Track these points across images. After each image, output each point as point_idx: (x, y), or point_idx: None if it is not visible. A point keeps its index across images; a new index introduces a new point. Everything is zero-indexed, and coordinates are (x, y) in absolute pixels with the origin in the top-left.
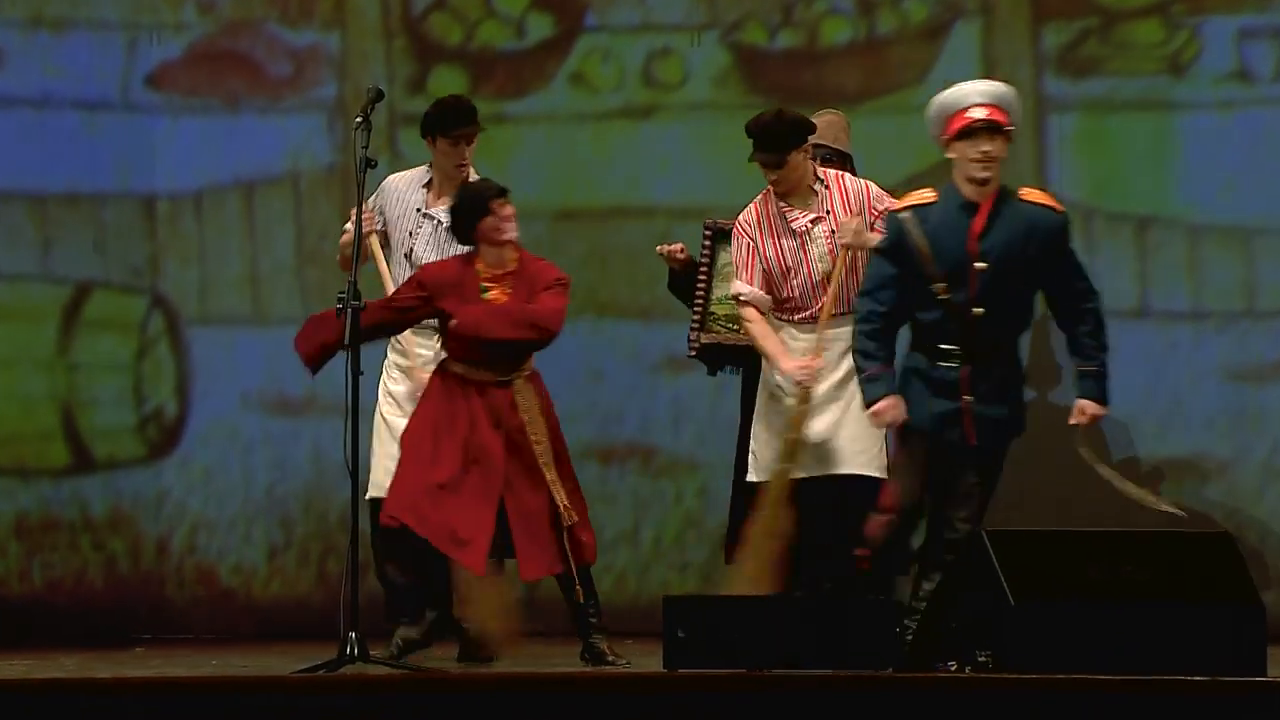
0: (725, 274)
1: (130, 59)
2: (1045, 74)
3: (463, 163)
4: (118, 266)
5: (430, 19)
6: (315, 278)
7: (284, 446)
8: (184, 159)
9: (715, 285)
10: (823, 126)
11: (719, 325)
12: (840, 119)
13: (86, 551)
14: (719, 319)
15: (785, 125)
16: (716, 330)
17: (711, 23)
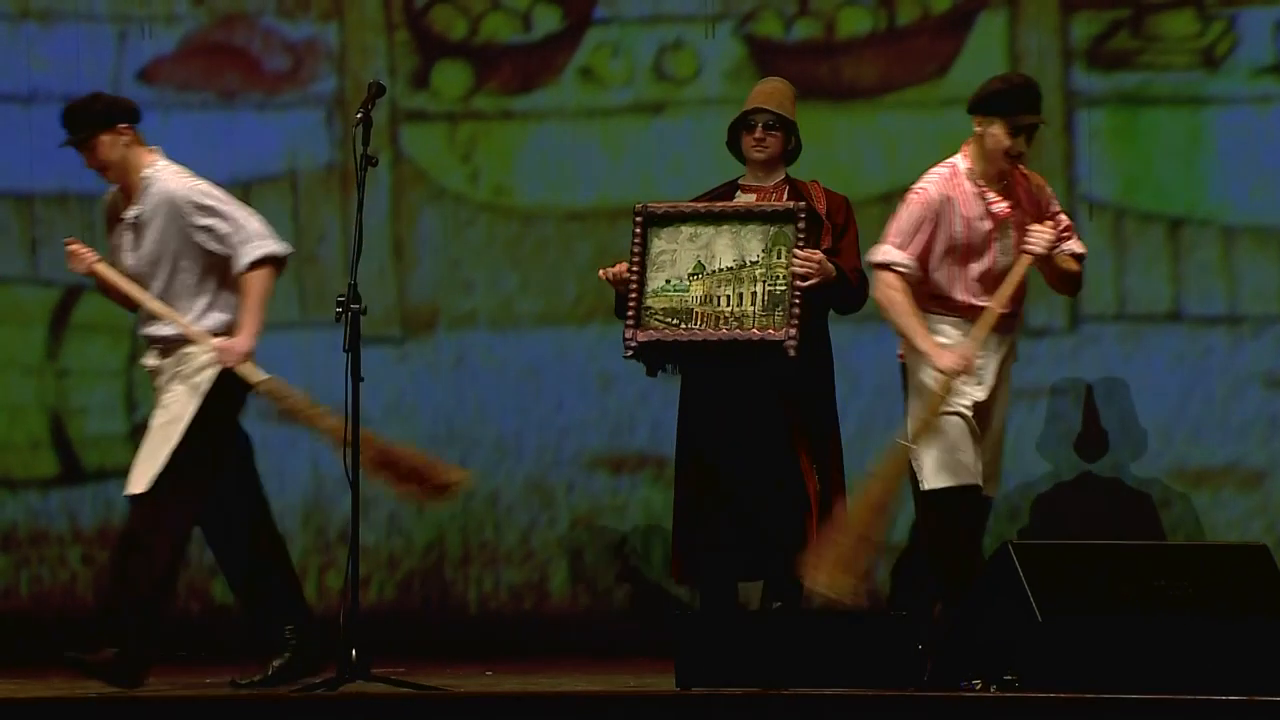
0: (660, 263)
1: (121, 53)
2: (1074, 67)
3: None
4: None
5: (433, 11)
6: (314, 279)
7: (281, 456)
8: (177, 156)
9: (649, 276)
10: (769, 92)
11: (657, 320)
12: (789, 86)
13: (75, 565)
14: (656, 313)
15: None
16: (655, 325)
17: (725, 14)
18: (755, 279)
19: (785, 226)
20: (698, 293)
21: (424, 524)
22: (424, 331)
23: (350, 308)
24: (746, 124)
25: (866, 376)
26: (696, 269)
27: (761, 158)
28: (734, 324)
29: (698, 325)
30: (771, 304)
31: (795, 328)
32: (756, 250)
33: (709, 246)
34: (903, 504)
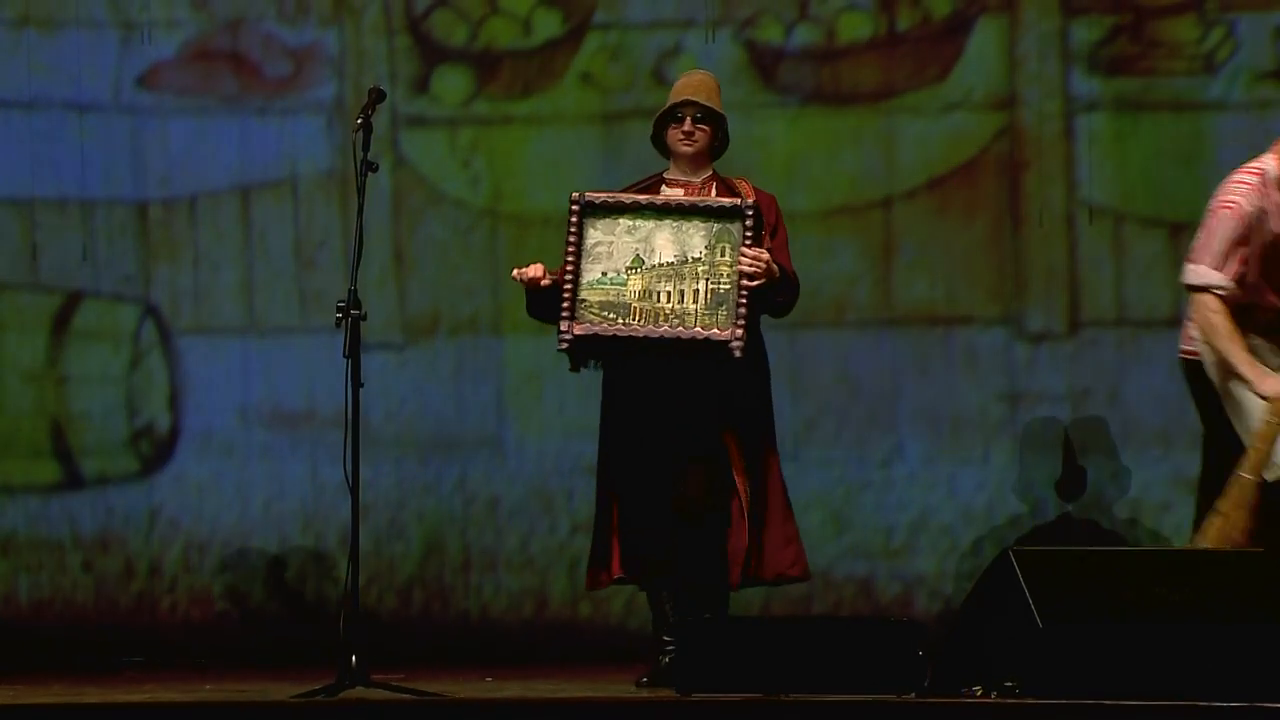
0: (595, 255)
1: (122, 58)
2: (1074, 72)
3: None
4: (109, 275)
5: (433, 16)
6: (314, 286)
7: (281, 462)
8: (178, 162)
9: (584, 267)
10: (696, 84)
11: (593, 313)
12: (714, 79)
13: (75, 572)
14: (591, 306)
15: None
16: (591, 319)
17: (725, 19)
18: (697, 276)
19: (731, 224)
20: (635, 287)
21: (424, 529)
22: (425, 337)
23: (350, 313)
24: (674, 117)
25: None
26: (635, 263)
27: (690, 151)
28: (675, 321)
29: (635, 321)
30: (715, 303)
31: (742, 328)
32: (699, 246)
33: (648, 240)
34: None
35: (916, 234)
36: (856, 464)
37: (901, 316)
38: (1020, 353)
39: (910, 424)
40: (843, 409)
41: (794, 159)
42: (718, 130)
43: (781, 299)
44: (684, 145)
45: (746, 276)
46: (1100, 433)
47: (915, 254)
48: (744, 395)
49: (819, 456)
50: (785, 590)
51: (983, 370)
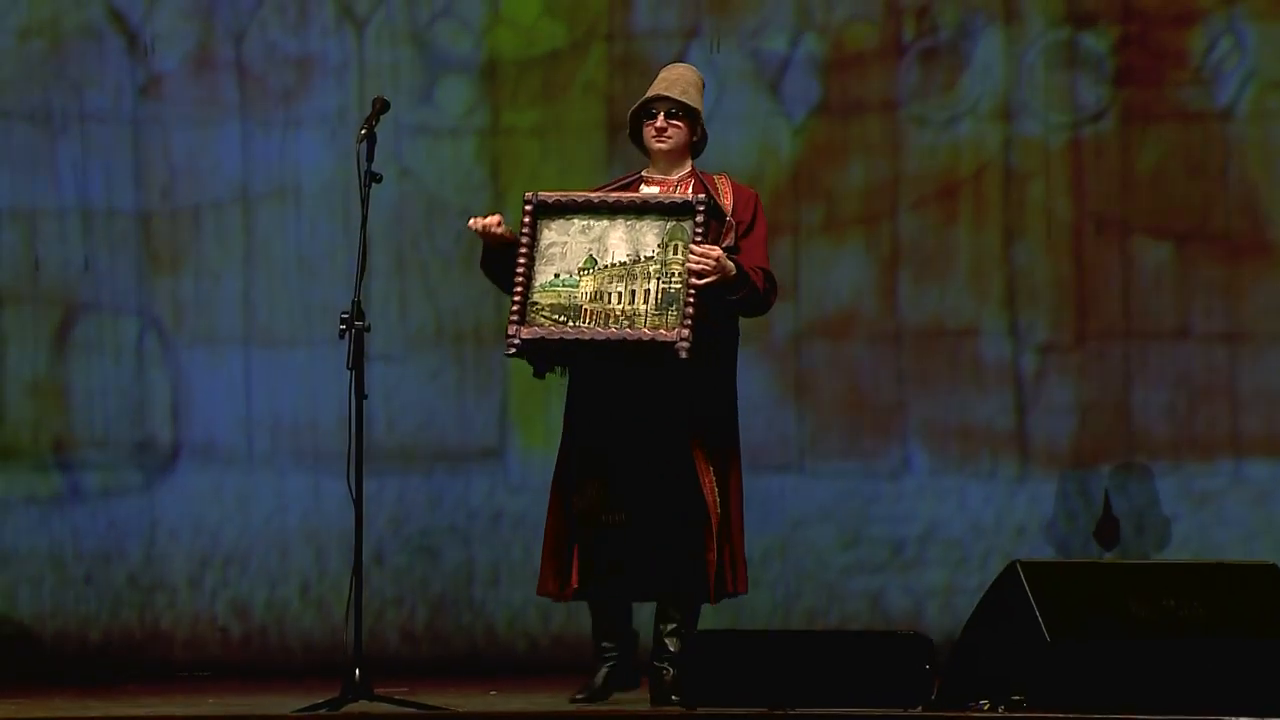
0: (549, 256)
1: (127, 69)
2: (1080, 82)
3: None
4: (110, 286)
5: (437, 26)
6: (318, 297)
7: (284, 474)
8: (180, 173)
9: (537, 269)
10: (673, 79)
11: (544, 316)
12: (695, 73)
13: (78, 585)
14: (543, 309)
15: None
16: (541, 322)
17: (730, 29)
18: (649, 275)
19: (683, 220)
20: (588, 289)
21: (427, 542)
22: (427, 348)
23: (354, 325)
24: (647, 113)
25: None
26: (588, 264)
27: (664, 148)
28: (624, 323)
29: (586, 323)
30: (665, 303)
31: (689, 328)
32: (652, 245)
33: (602, 240)
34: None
35: (923, 245)
36: (864, 477)
37: (909, 328)
38: (1028, 364)
39: (918, 436)
40: (850, 421)
41: (800, 170)
42: (694, 126)
43: (738, 297)
44: (657, 142)
45: (695, 274)
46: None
47: (922, 265)
48: (710, 402)
49: (827, 469)
50: (795, 603)
51: (990, 382)
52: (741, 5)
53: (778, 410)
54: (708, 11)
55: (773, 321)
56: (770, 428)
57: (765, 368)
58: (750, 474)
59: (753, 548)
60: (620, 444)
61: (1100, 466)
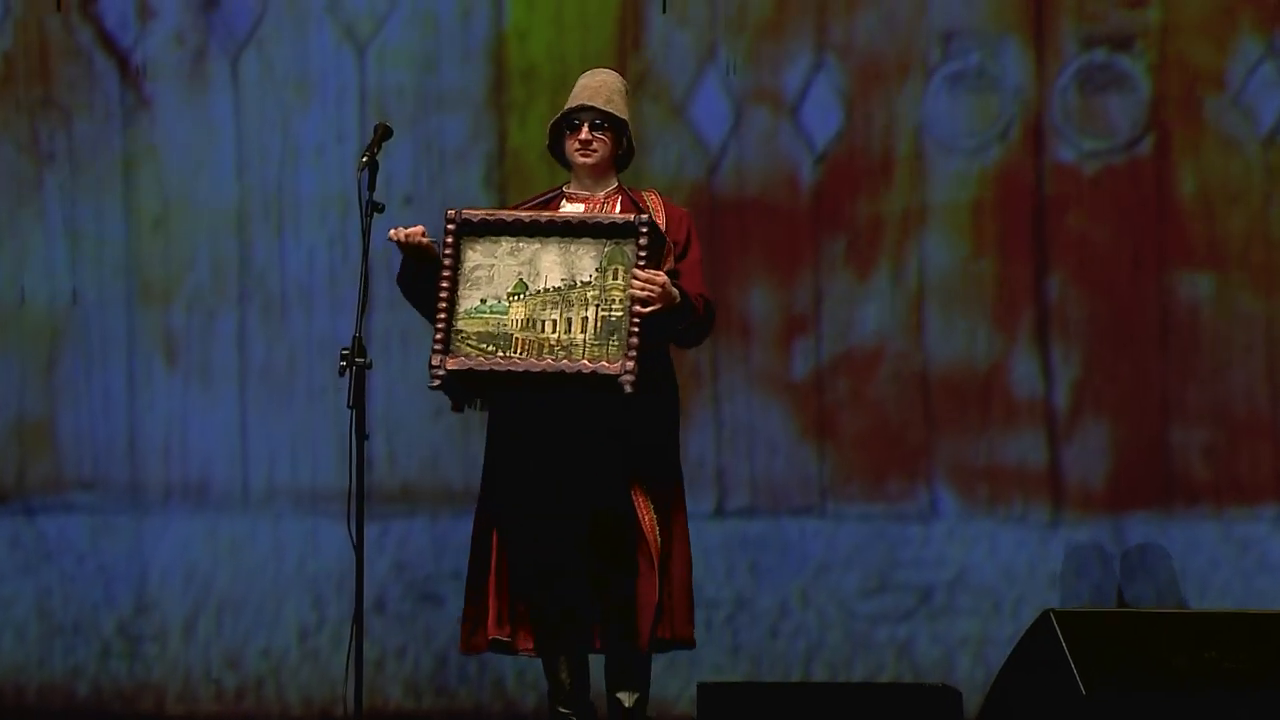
0: (474, 280)
1: (116, 93)
2: (1114, 104)
3: None
4: (99, 317)
5: (442, 47)
6: (317, 332)
7: (282, 518)
8: (172, 199)
9: (461, 294)
10: (596, 86)
11: (470, 345)
12: (619, 79)
13: (66, 635)
14: (468, 338)
15: None
16: (469, 352)
17: (748, 52)
18: (587, 302)
19: (624, 243)
20: (518, 316)
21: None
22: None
23: (355, 361)
24: (569, 124)
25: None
26: (518, 288)
27: (588, 163)
28: (561, 353)
29: (518, 353)
30: (605, 332)
31: (633, 360)
32: (589, 269)
33: (533, 263)
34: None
35: (951, 278)
36: (890, 520)
37: (936, 364)
38: (1061, 402)
39: (946, 478)
40: (875, 461)
41: (821, 199)
42: (620, 137)
43: (685, 327)
44: (581, 156)
45: (639, 302)
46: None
47: (949, 299)
48: (649, 434)
49: (850, 512)
50: (817, 654)
51: (1021, 421)
52: (760, 26)
53: (798, 450)
54: (724, 32)
55: (793, 357)
56: (790, 468)
57: (785, 406)
58: (769, 517)
59: (772, 595)
60: (551, 483)
61: (1138, 510)
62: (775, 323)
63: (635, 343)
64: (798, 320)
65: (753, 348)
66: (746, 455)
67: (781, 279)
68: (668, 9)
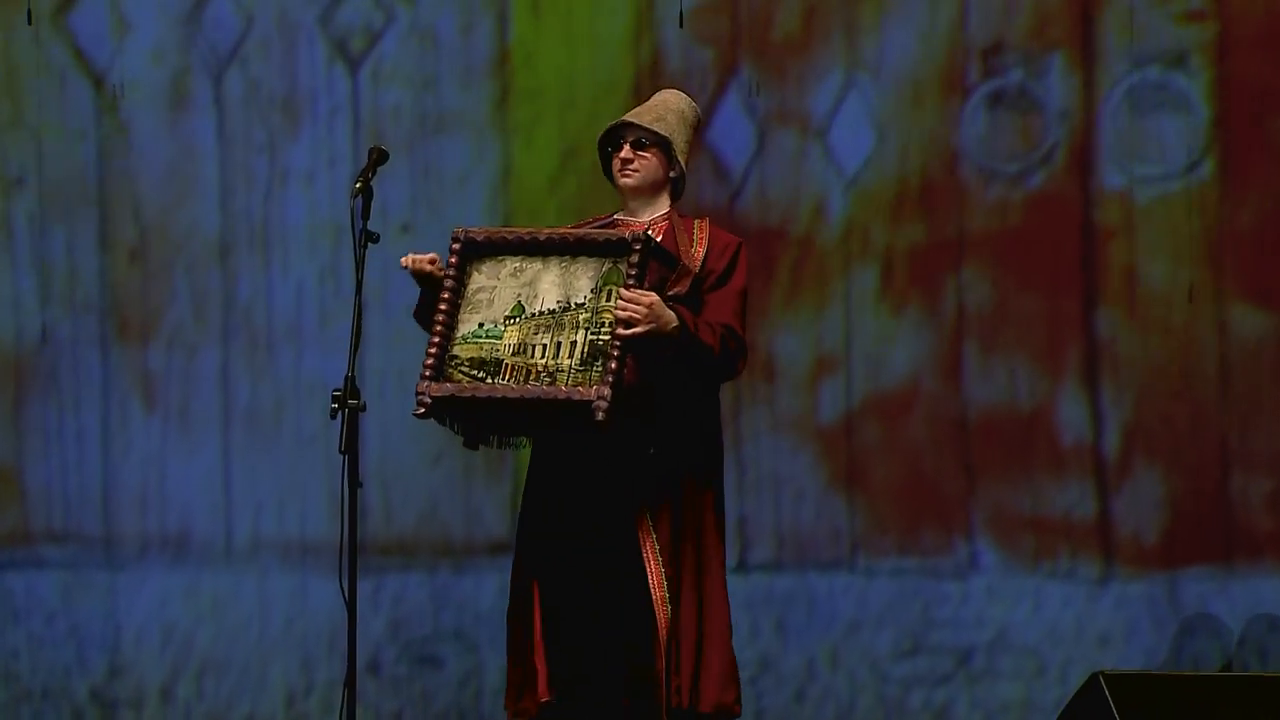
0: (476, 303)
1: (90, 114)
2: (1170, 127)
3: None
4: (70, 356)
5: (441, 65)
6: (307, 371)
7: (268, 573)
8: (152, 227)
9: (461, 318)
10: (651, 104)
11: (461, 372)
12: (682, 99)
13: (34, 701)
14: (461, 363)
15: None
16: (457, 379)
17: (774, 69)
18: (578, 325)
19: (621, 262)
20: (511, 340)
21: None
22: (432, 429)
23: (348, 403)
24: (614, 142)
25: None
26: (515, 311)
27: (630, 184)
28: (545, 379)
29: (506, 379)
30: (590, 357)
31: (609, 385)
32: (585, 290)
33: (533, 284)
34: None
35: (992, 313)
36: (926, 575)
37: (975, 406)
38: (1111, 448)
39: (987, 530)
40: (909, 512)
41: (852, 228)
42: (669, 159)
43: (696, 359)
44: (623, 176)
45: (621, 324)
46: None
47: (990, 336)
48: (682, 482)
49: (883, 566)
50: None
51: (1068, 469)
52: (786, 42)
53: (826, 499)
54: (747, 48)
55: (820, 399)
56: (818, 519)
57: (812, 451)
58: (795, 572)
59: (799, 656)
60: (571, 534)
61: (1195, 565)
62: (802, 362)
63: (614, 368)
64: (826, 359)
65: (777, 388)
66: (771, 505)
67: (808, 314)
68: (685, 23)
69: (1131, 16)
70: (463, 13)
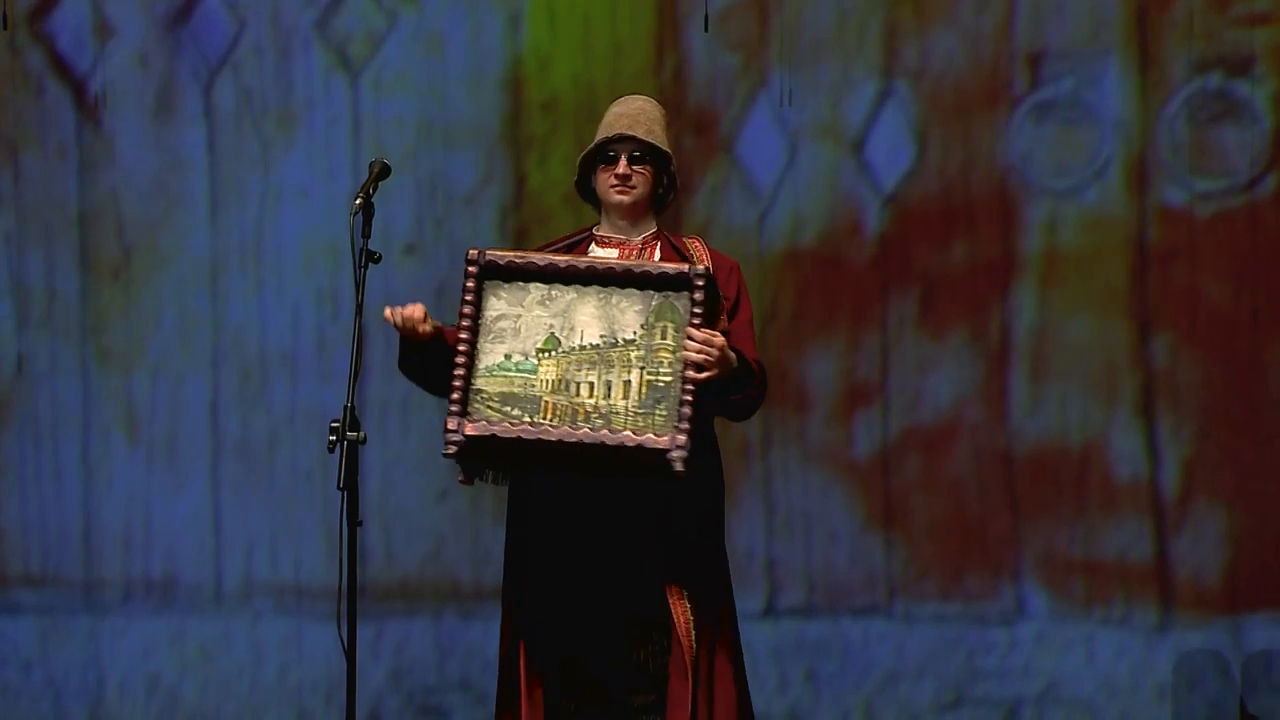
0: (498, 331)
1: (70, 125)
2: (1232, 137)
3: None
4: (49, 387)
5: (448, 73)
6: (303, 402)
7: (261, 619)
8: (137, 247)
9: (482, 347)
10: (634, 113)
11: (490, 407)
12: (658, 107)
13: None
14: (490, 398)
15: None
16: (489, 415)
17: (806, 78)
18: (630, 364)
19: (675, 297)
20: (548, 376)
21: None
22: (436, 464)
23: (346, 436)
24: (604, 156)
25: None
26: (549, 343)
27: (626, 201)
28: (599, 421)
29: (548, 419)
30: (651, 399)
31: (685, 434)
32: (633, 325)
33: (567, 315)
34: None
35: (1040, 339)
36: (970, 622)
37: (1022, 440)
38: (1169, 484)
39: (1035, 572)
40: (952, 554)
41: (890, 248)
42: (660, 173)
43: (740, 397)
44: (618, 193)
45: (694, 367)
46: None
47: (1039, 363)
48: (688, 519)
49: (923, 612)
50: None
51: (1123, 506)
52: (819, 47)
53: (862, 540)
54: (777, 55)
55: (855, 432)
56: (853, 562)
57: (847, 488)
58: (828, 618)
59: (832, 709)
60: (574, 580)
61: (1261, 610)
62: (835, 391)
63: (688, 413)
64: (861, 389)
65: (809, 420)
66: (802, 546)
67: (843, 341)
68: (710, 27)
69: (1191, 19)
70: (471, 16)
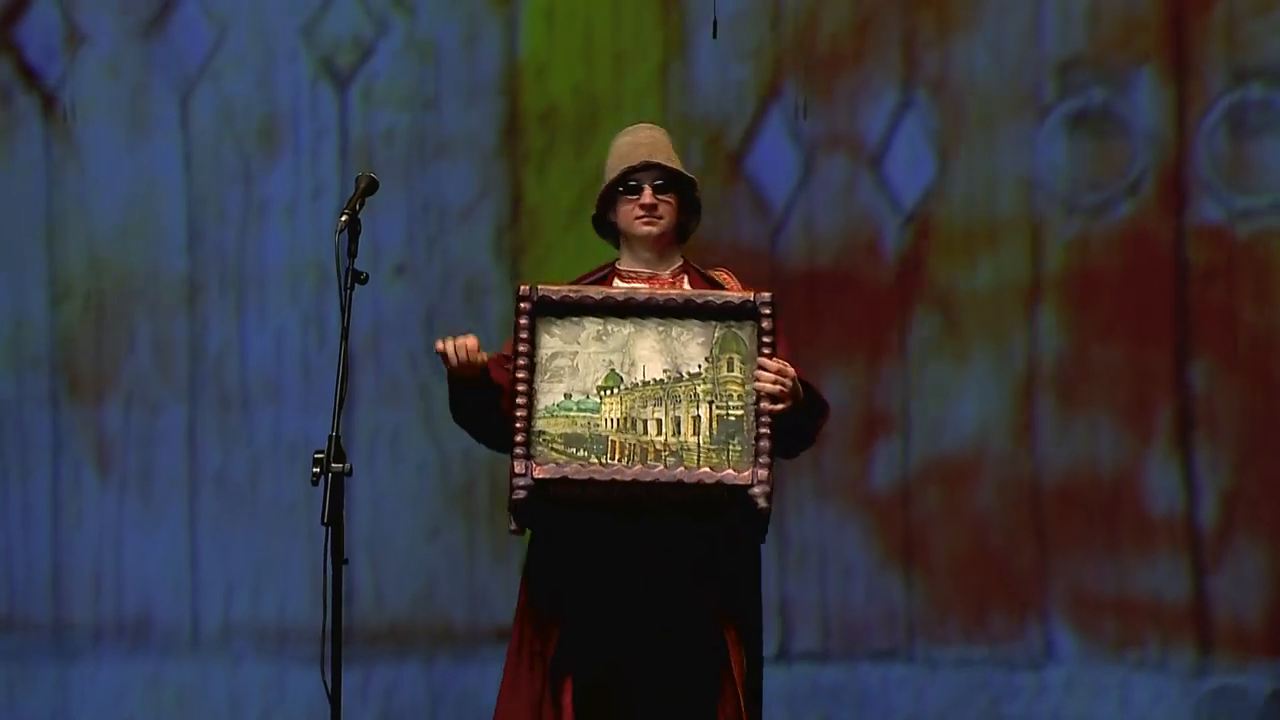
0: (555, 370)
1: (39, 138)
2: (1275, 152)
3: None
4: (16, 412)
5: (441, 83)
6: (286, 431)
7: (240, 663)
8: (109, 267)
9: (541, 386)
10: (651, 141)
11: (555, 449)
12: (666, 135)
13: None
14: (553, 440)
15: None
16: (555, 458)
17: (821, 88)
18: (698, 398)
19: (739, 327)
20: (613, 415)
21: None
22: (429, 498)
23: (331, 467)
24: (627, 187)
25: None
26: (610, 381)
27: (654, 232)
28: (671, 459)
29: (618, 459)
30: (724, 434)
31: (766, 468)
32: (697, 359)
33: (626, 350)
34: None
35: (1069, 364)
36: (995, 665)
37: (1050, 471)
38: (1207, 518)
39: (1064, 613)
40: (975, 592)
41: (909, 268)
42: (682, 202)
43: (811, 428)
44: (644, 225)
45: (768, 398)
46: None
47: (1068, 390)
48: (733, 560)
49: (945, 655)
50: None
51: (1158, 542)
52: (835, 56)
53: (880, 578)
54: (791, 65)
55: (873, 463)
56: (871, 601)
57: (863, 523)
58: (844, 662)
59: None
60: (625, 625)
61: None
62: (852, 420)
63: (767, 446)
64: (880, 417)
65: (824, 450)
66: (816, 584)
67: (860, 367)
68: (719, 34)
69: (1231, 24)
70: (466, 23)
